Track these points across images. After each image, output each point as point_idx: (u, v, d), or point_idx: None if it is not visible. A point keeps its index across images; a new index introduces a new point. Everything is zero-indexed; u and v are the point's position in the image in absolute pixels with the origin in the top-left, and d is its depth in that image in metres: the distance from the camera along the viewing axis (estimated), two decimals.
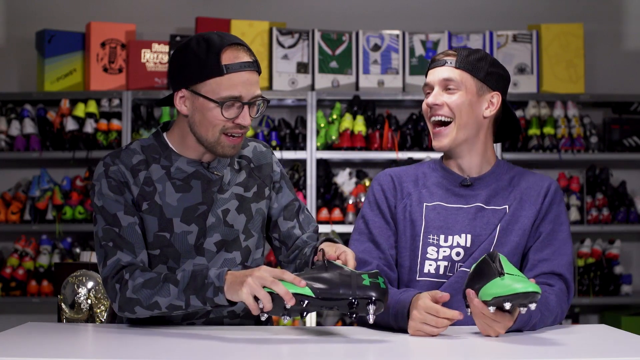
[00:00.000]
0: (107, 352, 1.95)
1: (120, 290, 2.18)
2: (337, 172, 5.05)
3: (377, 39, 4.99)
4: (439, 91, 2.40)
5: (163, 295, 2.13)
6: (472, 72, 2.39)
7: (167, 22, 5.17)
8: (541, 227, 2.39)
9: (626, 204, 5.06)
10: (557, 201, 2.42)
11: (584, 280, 4.99)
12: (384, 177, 2.49)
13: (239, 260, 2.34)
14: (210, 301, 2.08)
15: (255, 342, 2.05)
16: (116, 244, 2.23)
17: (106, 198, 2.26)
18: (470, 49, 2.44)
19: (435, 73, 2.41)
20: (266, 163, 2.44)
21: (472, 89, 2.39)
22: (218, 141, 2.24)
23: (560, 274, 2.33)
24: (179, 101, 2.26)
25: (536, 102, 5.04)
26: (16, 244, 4.96)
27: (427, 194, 2.44)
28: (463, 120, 2.38)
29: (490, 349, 1.98)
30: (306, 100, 4.90)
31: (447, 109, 2.38)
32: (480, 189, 2.42)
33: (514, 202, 2.40)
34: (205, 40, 2.22)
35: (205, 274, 2.09)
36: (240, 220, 2.35)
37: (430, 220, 2.40)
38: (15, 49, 5.18)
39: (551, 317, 2.25)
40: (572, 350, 1.95)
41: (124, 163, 2.28)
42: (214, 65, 2.19)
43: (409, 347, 2.01)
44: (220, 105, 2.20)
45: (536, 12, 5.28)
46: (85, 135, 4.85)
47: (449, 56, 2.41)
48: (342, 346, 2.02)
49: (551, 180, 2.47)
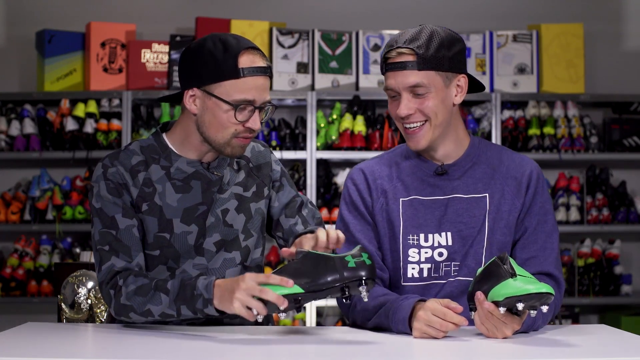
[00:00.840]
0: (107, 352, 1.95)
1: (114, 297, 2.19)
2: (337, 172, 5.05)
3: (377, 39, 4.99)
4: (408, 98, 2.24)
5: (155, 303, 2.14)
6: (436, 67, 2.23)
7: (167, 22, 5.17)
8: (526, 220, 2.31)
9: (626, 204, 5.06)
10: (540, 190, 2.34)
11: (584, 280, 4.99)
12: (357, 175, 2.40)
13: (238, 260, 2.34)
14: (201, 312, 2.10)
15: (255, 342, 2.05)
16: (112, 247, 2.23)
17: (104, 200, 2.25)
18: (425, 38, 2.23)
19: (397, 78, 2.24)
20: (265, 162, 2.43)
21: (440, 84, 2.26)
22: (228, 143, 2.24)
23: (548, 273, 2.29)
24: (189, 99, 2.25)
25: (536, 102, 5.04)
26: (16, 244, 4.96)
27: (402, 187, 2.35)
28: (439, 120, 2.27)
29: (490, 349, 1.98)
30: (306, 100, 4.90)
31: (419, 114, 2.26)
32: (457, 177, 2.33)
33: (496, 192, 2.31)
34: (222, 41, 2.22)
35: (193, 284, 2.10)
36: (240, 220, 2.35)
37: (408, 218, 2.32)
38: (15, 49, 5.18)
39: (550, 316, 2.24)
40: (572, 350, 1.95)
41: (123, 164, 2.28)
42: (231, 67, 2.19)
43: (409, 347, 2.01)
44: (235, 108, 2.20)
45: (536, 12, 5.28)
46: (85, 135, 4.85)
47: (407, 56, 2.23)
48: (342, 346, 2.02)
49: (531, 164, 2.36)
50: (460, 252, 2.30)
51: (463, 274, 2.29)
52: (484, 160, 2.36)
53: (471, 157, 2.36)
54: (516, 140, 4.97)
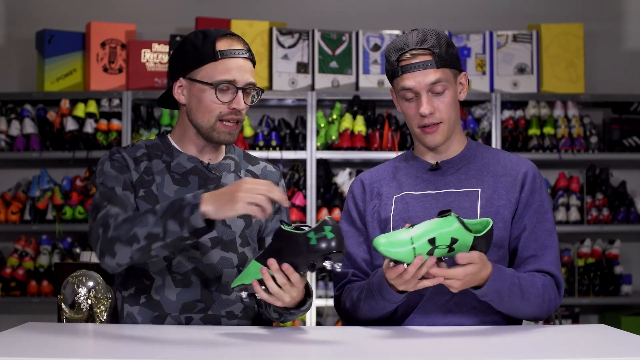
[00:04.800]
0: (107, 352, 1.96)
1: (102, 234, 2.17)
2: (337, 172, 5.05)
3: (377, 39, 4.99)
4: (428, 97, 2.33)
5: (141, 225, 2.12)
6: (451, 65, 2.34)
7: (167, 22, 5.17)
8: (525, 218, 2.34)
9: (626, 204, 5.06)
10: (537, 188, 2.37)
11: (584, 280, 4.99)
12: (355, 184, 2.50)
13: (235, 263, 2.36)
14: (187, 222, 2.06)
15: (255, 342, 2.05)
16: (110, 202, 2.26)
17: (106, 175, 2.32)
18: (435, 38, 2.32)
19: (417, 78, 2.31)
20: (272, 181, 2.45)
21: (453, 81, 2.36)
22: (214, 127, 2.32)
23: (548, 272, 2.31)
24: (177, 90, 2.36)
25: (536, 102, 5.04)
26: (16, 244, 4.96)
27: (396, 185, 2.42)
28: (452, 117, 2.36)
29: (490, 349, 1.98)
30: (306, 100, 4.90)
31: (438, 115, 2.33)
32: (451, 173, 2.39)
33: (488, 188, 2.34)
34: (202, 32, 2.35)
35: (182, 197, 2.11)
36: (238, 223, 2.38)
37: (398, 212, 2.37)
38: (15, 49, 5.18)
39: (534, 291, 2.23)
40: (572, 350, 1.95)
41: (128, 153, 2.38)
42: (210, 51, 2.30)
43: (409, 347, 2.01)
44: (215, 88, 2.29)
45: (536, 12, 5.28)
46: (85, 135, 4.85)
47: (423, 56, 2.31)
48: (342, 346, 2.02)
49: (528, 164, 2.40)
50: None
51: (451, 265, 2.29)
52: (480, 160, 2.41)
53: (466, 156, 2.41)
54: (516, 140, 4.97)
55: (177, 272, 2.32)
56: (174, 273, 2.32)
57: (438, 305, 2.32)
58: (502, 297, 2.21)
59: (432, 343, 2.04)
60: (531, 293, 2.24)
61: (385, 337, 2.11)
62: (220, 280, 2.34)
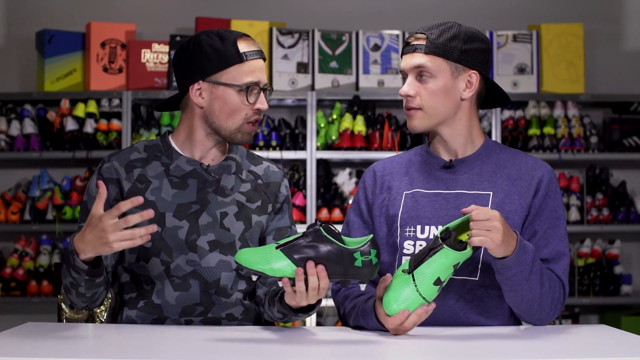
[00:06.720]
0: (107, 352, 1.95)
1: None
2: (337, 172, 5.05)
3: (377, 39, 4.99)
4: (413, 80, 2.29)
5: (63, 276, 2.23)
6: (444, 55, 2.27)
7: (167, 22, 5.17)
8: (536, 224, 2.28)
9: (626, 204, 5.06)
10: (552, 194, 2.31)
11: (584, 280, 4.99)
12: (367, 174, 2.45)
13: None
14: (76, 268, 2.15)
15: (255, 342, 2.05)
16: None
17: (90, 195, 2.35)
18: (442, 27, 2.29)
19: (407, 59, 2.30)
20: (275, 182, 2.46)
21: (447, 73, 2.28)
22: (239, 129, 2.33)
23: (558, 278, 2.26)
24: (195, 93, 2.33)
25: (536, 102, 5.04)
26: (16, 244, 4.96)
27: (408, 181, 2.38)
28: (433, 110, 2.29)
29: (490, 349, 1.98)
30: (306, 100, 4.90)
31: (418, 100, 2.29)
32: (463, 173, 2.33)
33: (500, 192, 2.29)
34: (216, 33, 2.32)
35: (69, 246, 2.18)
36: (238, 226, 2.37)
37: (407, 210, 2.33)
38: (15, 49, 5.18)
39: (547, 284, 2.19)
40: (572, 350, 1.95)
41: (120, 160, 2.36)
42: (234, 53, 2.29)
43: (409, 347, 2.01)
44: (246, 90, 2.29)
45: (536, 12, 5.28)
46: (85, 135, 4.85)
47: (418, 40, 2.29)
48: (342, 346, 2.02)
49: (544, 168, 2.34)
50: None
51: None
52: (494, 161, 2.35)
53: (481, 156, 2.35)
54: (516, 140, 4.97)
55: (176, 276, 2.31)
56: (173, 277, 2.31)
57: (439, 306, 2.30)
58: (523, 272, 2.14)
59: (432, 343, 2.04)
60: (547, 278, 2.20)
61: (385, 338, 2.11)
62: (219, 283, 2.33)
